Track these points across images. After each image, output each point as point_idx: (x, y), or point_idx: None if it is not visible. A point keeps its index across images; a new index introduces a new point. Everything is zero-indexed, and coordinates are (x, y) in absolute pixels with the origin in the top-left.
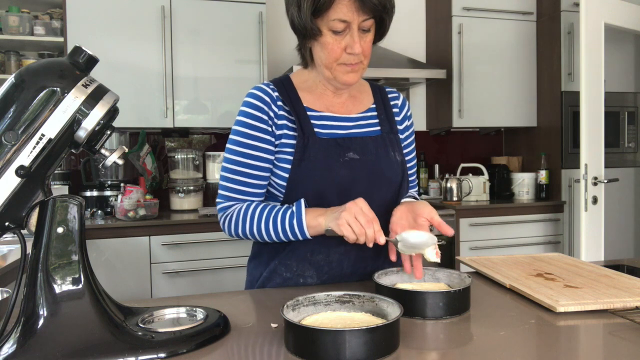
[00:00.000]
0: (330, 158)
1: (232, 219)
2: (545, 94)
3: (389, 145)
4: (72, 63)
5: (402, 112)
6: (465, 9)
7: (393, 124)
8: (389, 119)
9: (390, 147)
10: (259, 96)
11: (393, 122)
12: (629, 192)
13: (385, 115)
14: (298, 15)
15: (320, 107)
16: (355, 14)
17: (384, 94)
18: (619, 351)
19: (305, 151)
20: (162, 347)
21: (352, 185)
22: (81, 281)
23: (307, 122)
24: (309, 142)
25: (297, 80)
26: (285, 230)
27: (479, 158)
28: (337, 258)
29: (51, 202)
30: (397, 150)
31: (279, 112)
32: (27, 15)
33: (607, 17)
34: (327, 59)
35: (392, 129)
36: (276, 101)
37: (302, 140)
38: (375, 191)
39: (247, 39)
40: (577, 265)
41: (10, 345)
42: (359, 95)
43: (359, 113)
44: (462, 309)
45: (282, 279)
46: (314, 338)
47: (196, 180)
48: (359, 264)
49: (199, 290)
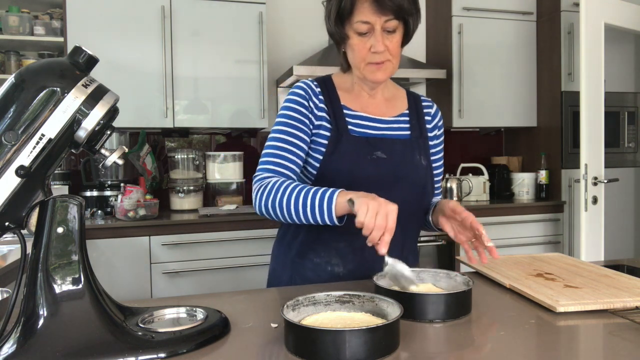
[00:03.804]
0: (359, 155)
1: (266, 188)
2: (545, 94)
3: (416, 149)
4: (72, 63)
5: (434, 120)
6: (465, 9)
7: (423, 130)
8: (420, 125)
9: (418, 151)
10: (303, 88)
11: (424, 128)
12: (629, 192)
13: (416, 121)
14: (328, 23)
15: (356, 107)
16: (376, 16)
17: (418, 101)
18: (619, 351)
19: (337, 145)
20: (162, 347)
21: (377, 182)
22: (81, 281)
23: (342, 119)
24: (342, 137)
25: (338, 81)
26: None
27: (479, 158)
28: (360, 246)
29: (51, 202)
30: (423, 154)
31: (319, 104)
32: (27, 15)
33: (607, 17)
34: (356, 59)
35: (422, 134)
36: (317, 95)
37: (336, 135)
38: (399, 191)
39: (247, 39)
40: (577, 265)
41: (10, 345)
42: (393, 100)
43: (392, 116)
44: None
45: (313, 264)
46: (314, 338)
47: (196, 180)
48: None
49: (199, 290)
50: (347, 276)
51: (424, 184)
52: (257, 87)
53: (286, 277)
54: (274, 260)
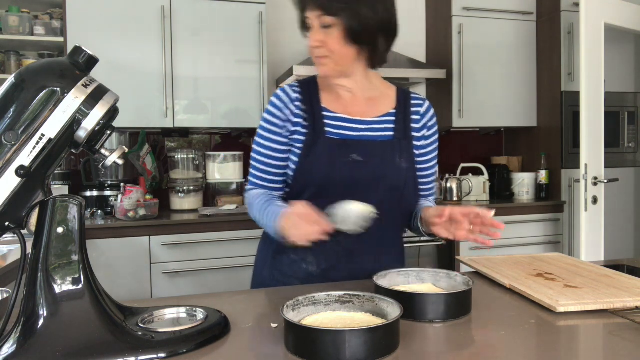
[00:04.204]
0: (334, 157)
1: (248, 202)
2: (545, 94)
3: (397, 151)
4: (72, 63)
5: (423, 119)
6: (465, 9)
7: (408, 131)
8: (405, 125)
9: (399, 153)
10: (279, 96)
11: (409, 129)
12: (629, 192)
13: (402, 121)
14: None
15: (337, 109)
16: (311, 11)
17: (407, 100)
18: (619, 351)
19: (312, 148)
20: (162, 347)
21: (352, 185)
22: (81, 281)
23: (319, 122)
24: (318, 140)
25: (323, 82)
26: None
27: (479, 158)
28: (331, 249)
29: (51, 202)
30: (405, 156)
31: (295, 110)
32: (27, 15)
33: (607, 17)
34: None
35: (406, 135)
36: (294, 101)
37: (312, 138)
38: (375, 193)
39: (247, 39)
40: (577, 265)
41: (10, 345)
42: (379, 99)
43: (375, 117)
44: (463, 312)
45: (290, 260)
46: (314, 338)
47: (196, 180)
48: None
49: (199, 290)
50: (320, 276)
51: (402, 186)
52: (257, 87)
53: (267, 272)
54: (257, 256)
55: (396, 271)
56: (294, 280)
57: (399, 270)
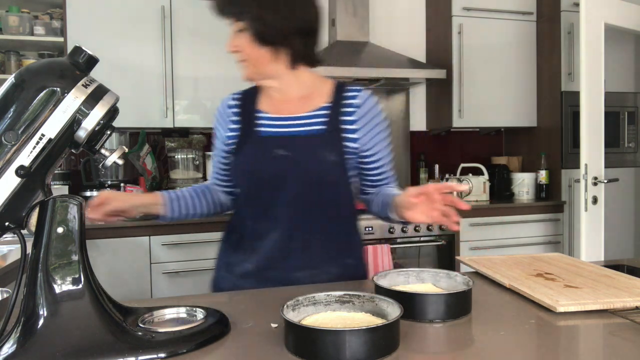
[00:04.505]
0: (259, 154)
1: None
2: (545, 94)
3: (328, 145)
4: (72, 63)
5: (360, 109)
6: (465, 9)
7: (340, 123)
8: (337, 118)
9: (329, 146)
10: (218, 109)
11: (340, 121)
12: (629, 192)
13: (335, 115)
14: None
15: (269, 109)
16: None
17: (342, 93)
18: (619, 351)
19: (241, 148)
20: (162, 347)
21: (274, 180)
22: (81, 281)
23: (251, 123)
24: (248, 140)
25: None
26: None
27: (479, 158)
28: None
29: (51, 202)
30: (336, 150)
31: (231, 117)
32: (27, 15)
33: (607, 17)
34: None
35: (338, 128)
36: (230, 108)
37: (243, 139)
38: (308, 189)
39: None
40: (577, 265)
41: (10, 345)
42: (312, 95)
43: (307, 112)
44: (463, 312)
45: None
46: (314, 338)
47: (196, 180)
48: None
49: (199, 290)
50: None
51: (328, 178)
52: None
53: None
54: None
55: (396, 271)
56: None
57: (399, 270)
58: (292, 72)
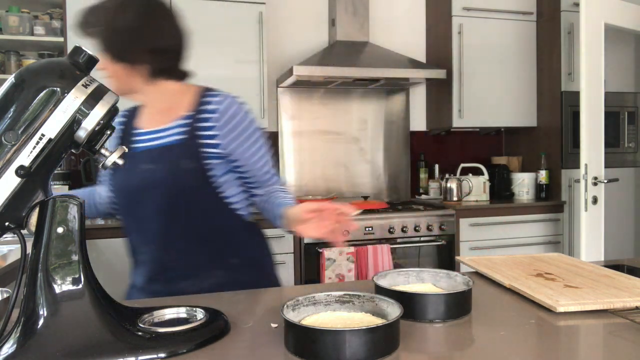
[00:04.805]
0: (130, 170)
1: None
2: (545, 94)
3: (187, 153)
4: (72, 63)
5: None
6: (465, 9)
7: (198, 130)
8: (195, 125)
9: (188, 154)
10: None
11: (198, 127)
12: (629, 192)
13: (194, 122)
14: None
15: (140, 124)
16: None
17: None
18: (619, 351)
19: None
20: (162, 347)
21: (147, 193)
22: (81, 281)
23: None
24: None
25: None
26: None
27: (479, 158)
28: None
29: (51, 202)
30: (195, 157)
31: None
32: (27, 15)
33: (607, 17)
34: None
35: (196, 135)
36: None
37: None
38: (174, 199)
39: (247, 39)
40: (577, 265)
41: (10, 345)
42: (172, 108)
43: (169, 123)
44: (463, 312)
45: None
46: (314, 338)
47: None
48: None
49: None
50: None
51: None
52: (257, 87)
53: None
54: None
55: (396, 271)
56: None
57: (399, 270)
58: (154, 86)
